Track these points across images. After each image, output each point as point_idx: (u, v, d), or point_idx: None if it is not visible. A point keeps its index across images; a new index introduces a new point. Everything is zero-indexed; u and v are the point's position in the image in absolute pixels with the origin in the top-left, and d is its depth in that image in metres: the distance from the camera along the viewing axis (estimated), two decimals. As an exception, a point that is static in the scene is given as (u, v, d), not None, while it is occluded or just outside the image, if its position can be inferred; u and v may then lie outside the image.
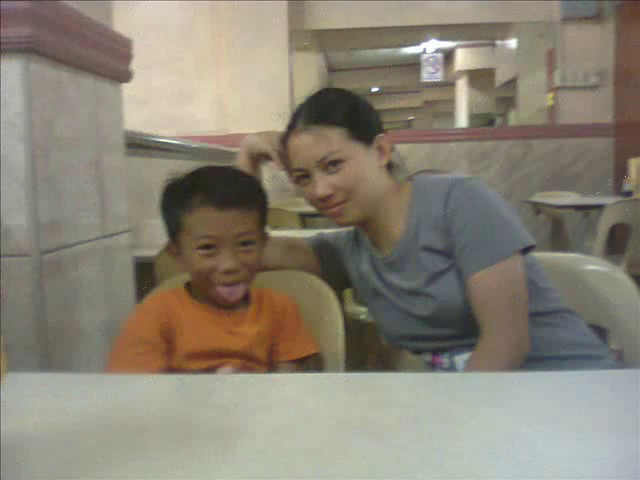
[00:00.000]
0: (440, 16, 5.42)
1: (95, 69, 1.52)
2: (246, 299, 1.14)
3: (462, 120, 8.26)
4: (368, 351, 1.98)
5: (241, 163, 1.26)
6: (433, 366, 1.18)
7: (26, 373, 0.79)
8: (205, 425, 0.61)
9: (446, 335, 1.14)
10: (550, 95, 5.40)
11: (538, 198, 4.31)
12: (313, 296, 1.22)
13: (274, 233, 1.24)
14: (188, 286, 1.15)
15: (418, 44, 6.60)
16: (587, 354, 1.12)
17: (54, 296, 1.29)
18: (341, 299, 1.45)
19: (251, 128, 1.43)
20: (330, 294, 1.21)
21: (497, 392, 0.71)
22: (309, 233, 1.42)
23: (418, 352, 1.22)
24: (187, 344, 1.06)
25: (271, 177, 4.00)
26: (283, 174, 1.22)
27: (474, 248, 1.08)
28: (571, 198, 4.22)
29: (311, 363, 1.13)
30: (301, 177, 1.17)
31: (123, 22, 2.22)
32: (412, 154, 5.24)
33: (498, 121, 7.43)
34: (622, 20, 5.12)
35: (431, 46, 6.52)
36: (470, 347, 1.10)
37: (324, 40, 5.92)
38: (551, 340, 1.11)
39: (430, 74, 6.29)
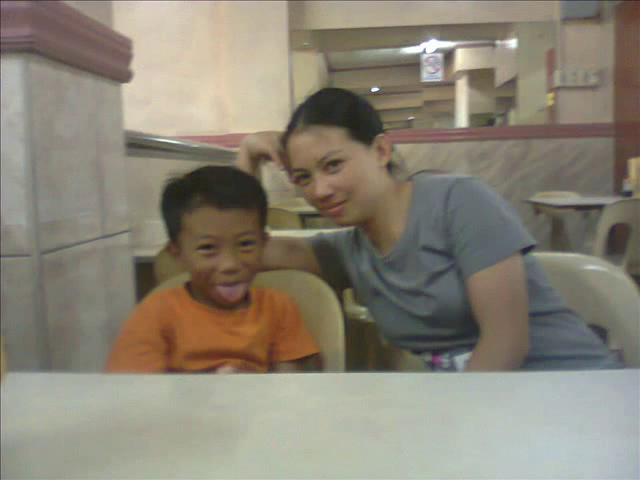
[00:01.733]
0: (440, 16, 5.42)
1: (95, 69, 1.51)
2: (246, 299, 1.14)
3: (462, 120, 8.24)
4: (368, 351, 1.98)
5: (241, 163, 1.26)
6: (433, 366, 1.18)
7: (26, 373, 0.79)
8: (205, 425, 0.61)
9: (446, 335, 1.14)
10: (550, 95, 5.41)
11: (538, 198, 4.31)
12: (313, 296, 1.22)
13: (274, 233, 1.24)
14: (188, 286, 1.15)
15: (418, 44, 6.59)
16: (587, 354, 1.12)
17: (54, 296, 1.29)
18: (341, 299, 1.45)
19: (251, 128, 1.43)
20: (330, 294, 1.21)
21: (497, 392, 0.71)
22: (309, 233, 1.42)
23: (418, 352, 1.22)
24: (187, 344, 1.06)
25: (271, 177, 4.01)
26: (283, 174, 1.22)
27: (474, 248, 1.08)
28: (571, 198, 4.22)
29: (311, 363, 1.14)
30: (301, 177, 1.17)
31: (123, 22, 2.22)
32: (412, 154, 5.24)
33: (498, 121, 7.41)
34: (622, 20, 5.12)
35: (431, 46, 6.51)
36: (470, 347, 1.10)
37: (324, 40, 5.91)
38: (551, 340, 1.11)
39: (430, 74, 6.28)
